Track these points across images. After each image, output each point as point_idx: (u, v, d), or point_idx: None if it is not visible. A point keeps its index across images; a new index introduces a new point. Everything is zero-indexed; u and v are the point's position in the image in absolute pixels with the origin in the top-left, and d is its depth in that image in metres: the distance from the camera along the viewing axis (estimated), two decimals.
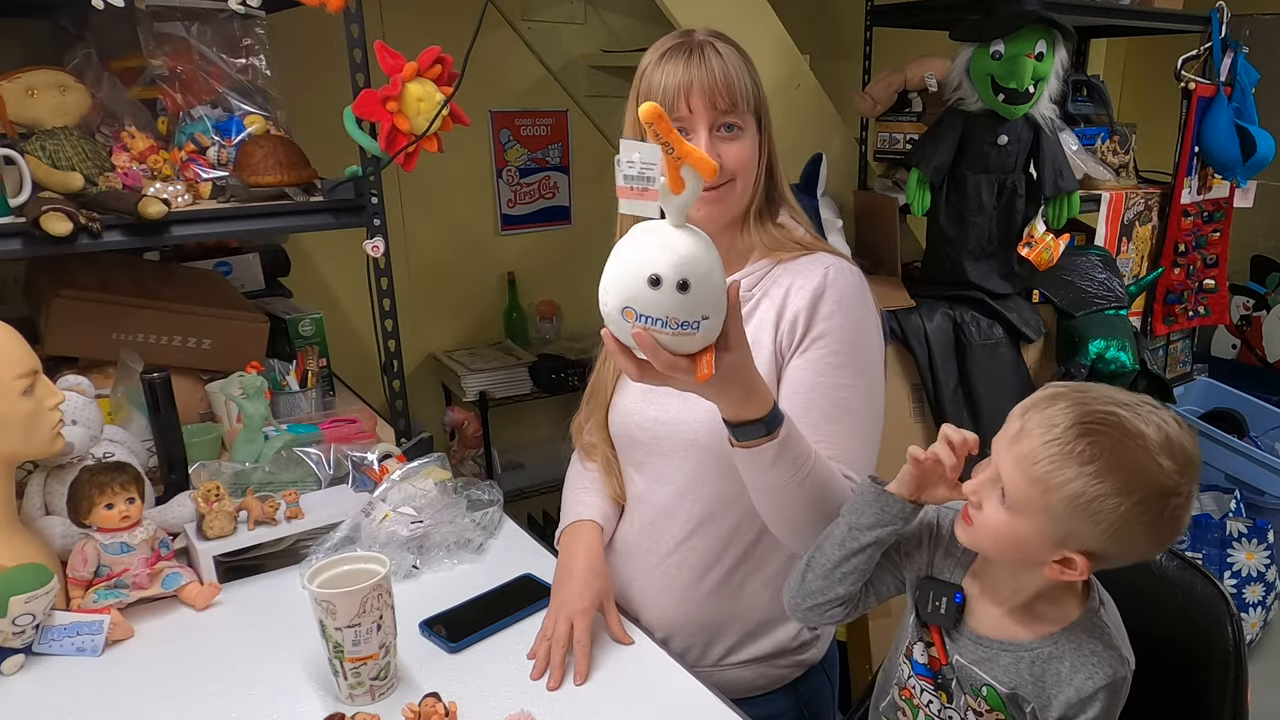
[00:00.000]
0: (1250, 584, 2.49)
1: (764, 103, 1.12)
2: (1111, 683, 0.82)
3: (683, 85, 1.06)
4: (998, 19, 1.98)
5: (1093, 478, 0.75)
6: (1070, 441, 0.76)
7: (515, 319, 2.85)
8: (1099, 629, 0.85)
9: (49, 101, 1.42)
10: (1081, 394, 0.80)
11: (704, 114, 1.07)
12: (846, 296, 1.09)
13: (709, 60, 1.06)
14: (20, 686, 1.06)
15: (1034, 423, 0.79)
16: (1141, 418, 0.77)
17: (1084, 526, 0.77)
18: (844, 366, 1.07)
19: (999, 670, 0.86)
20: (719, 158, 1.07)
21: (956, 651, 0.89)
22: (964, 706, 0.89)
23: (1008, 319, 2.19)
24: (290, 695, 1.04)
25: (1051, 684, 0.83)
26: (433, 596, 1.22)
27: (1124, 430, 0.76)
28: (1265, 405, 3.02)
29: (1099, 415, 0.77)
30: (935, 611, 0.89)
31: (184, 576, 1.21)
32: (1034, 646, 0.85)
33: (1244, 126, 2.49)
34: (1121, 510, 0.75)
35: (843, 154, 2.45)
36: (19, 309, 1.66)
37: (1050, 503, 0.77)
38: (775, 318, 1.10)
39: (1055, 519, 0.77)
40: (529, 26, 2.62)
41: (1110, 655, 0.83)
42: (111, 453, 1.31)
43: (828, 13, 2.93)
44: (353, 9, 1.42)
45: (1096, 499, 0.75)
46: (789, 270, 1.12)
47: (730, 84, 1.06)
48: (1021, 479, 0.78)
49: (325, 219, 1.52)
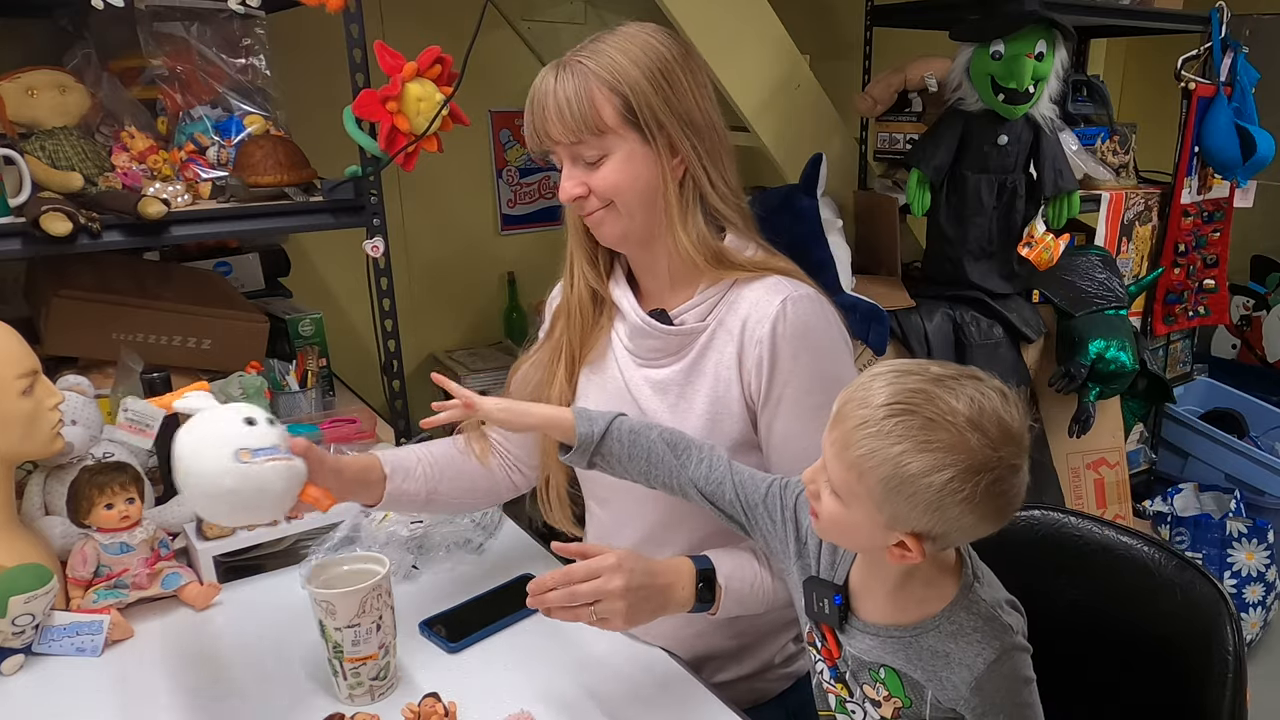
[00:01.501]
0: (1250, 584, 2.49)
1: (663, 112, 1.01)
2: (1000, 655, 0.81)
3: (529, 113, 1.03)
4: (998, 19, 1.99)
5: (901, 456, 0.73)
6: (878, 422, 0.74)
7: (515, 319, 2.85)
8: (975, 604, 0.83)
9: (49, 101, 1.42)
10: (899, 372, 0.77)
11: (554, 145, 1.03)
12: (810, 329, 1.03)
13: (558, 85, 1.00)
14: (20, 686, 1.06)
15: (851, 405, 0.77)
16: (954, 392, 0.74)
17: (904, 508, 0.75)
18: (820, 408, 1.00)
19: (889, 656, 0.85)
20: (584, 185, 1.03)
21: (849, 643, 0.88)
22: (862, 698, 0.88)
23: (1008, 319, 2.19)
24: (290, 695, 1.04)
25: (941, 667, 0.82)
26: (433, 596, 1.22)
27: (933, 407, 0.74)
28: (1265, 405, 3.02)
29: (908, 393, 0.75)
30: (820, 611, 0.89)
31: (184, 576, 1.21)
32: (916, 630, 0.83)
33: (1244, 126, 2.49)
34: (934, 488, 0.73)
35: (843, 154, 2.45)
36: (19, 309, 1.66)
37: (869, 487, 0.75)
38: (737, 353, 1.05)
39: (877, 503, 0.76)
40: (529, 26, 2.62)
41: (991, 628, 0.82)
42: (111, 453, 1.31)
43: (828, 13, 2.92)
44: (353, 9, 1.42)
45: (909, 479, 0.74)
46: (742, 299, 1.05)
47: (561, 111, 0.99)
48: (840, 465, 0.77)
49: (325, 219, 1.52)
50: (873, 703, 0.88)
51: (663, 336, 1.09)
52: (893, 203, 2.28)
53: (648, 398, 1.10)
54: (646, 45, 1.01)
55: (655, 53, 1.01)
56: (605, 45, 1.01)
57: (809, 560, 0.93)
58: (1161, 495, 2.72)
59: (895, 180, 2.39)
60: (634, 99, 0.99)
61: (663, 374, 1.09)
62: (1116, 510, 2.52)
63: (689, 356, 1.08)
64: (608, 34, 1.03)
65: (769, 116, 2.22)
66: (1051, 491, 2.34)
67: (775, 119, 2.23)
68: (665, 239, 1.06)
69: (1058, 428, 2.34)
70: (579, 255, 1.14)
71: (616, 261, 1.16)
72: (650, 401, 1.09)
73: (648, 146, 1.02)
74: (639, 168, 1.02)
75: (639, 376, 1.11)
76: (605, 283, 1.14)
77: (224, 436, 0.92)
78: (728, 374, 1.05)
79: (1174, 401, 2.64)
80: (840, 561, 0.91)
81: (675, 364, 1.09)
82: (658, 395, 1.09)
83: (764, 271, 1.07)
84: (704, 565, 1.02)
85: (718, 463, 0.99)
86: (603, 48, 1.01)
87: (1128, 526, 1.07)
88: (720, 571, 1.02)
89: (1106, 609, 1.06)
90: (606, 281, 1.14)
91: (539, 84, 1.02)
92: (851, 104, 2.46)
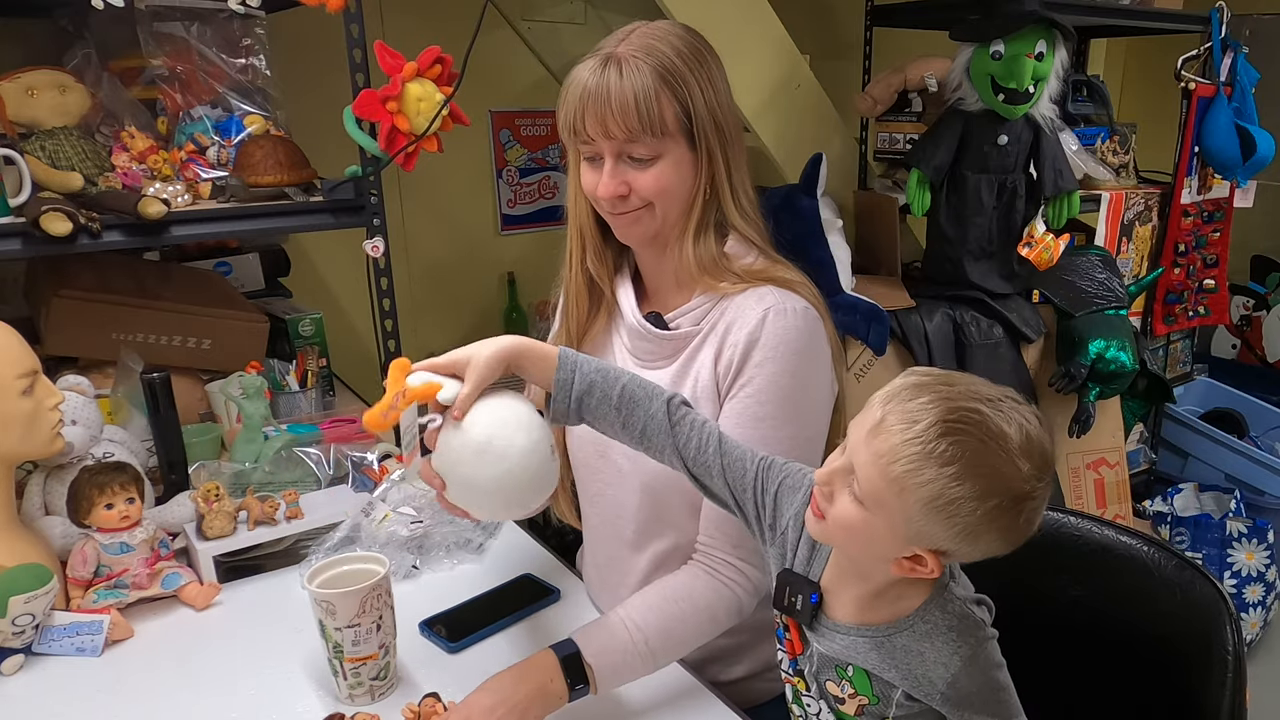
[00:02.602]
0: (1250, 584, 2.49)
1: (708, 120, 1.02)
2: (975, 653, 0.81)
3: (580, 106, 1.00)
4: (998, 19, 1.99)
5: (952, 480, 0.72)
6: (932, 441, 0.72)
7: (515, 319, 2.85)
8: (949, 603, 0.83)
9: (49, 101, 1.42)
10: (948, 387, 0.76)
11: (604, 141, 1.01)
12: (783, 342, 1.02)
13: (610, 80, 0.98)
14: (20, 686, 1.06)
15: (895, 416, 0.75)
16: (1004, 416, 0.73)
17: (938, 528, 0.74)
18: (769, 418, 1.02)
19: (860, 656, 0.84)
20: (626, 185, 1.02)
21: (817, 641, 0.87)
22: (819, 693, 0.88)
23: (1008, 319, 2.19)
24: (290, 695, 1.04)
25: (916, 665, 0.81)
26: (433, 596, 1.22)
27: (986, 430, 0.73)
28: (1265, 405, 3.02)
29: (962, 413, 0.73)
30: (791, 607, 0.88)
31: (184, 576, 1.21)
32: (889, 630, 0.83)
33: (1244, 126, 2.49)
34: (978, 514, 0.73)
35: (843, 154, 2.45)
36: (19, 309, 1.66)
37: (907, 503, 0.74)
38: (714, 358, 1.06)
39: (909, 518, 0.75)
40: (529, 26, 2.62)
41: (964, 625, 0.82)
42: (111, 453, 1.31)
43: (828, 13, 2.92)
44: (353, 9, 1.42)
45: (954, 502, 0.72)
46: (732, 306, 1.06)
47: (628, 109, 0.98)
48: (878, 475, 0.75)
49: (325, 219, 1.52)
50: (835, 699, 0.87)
51: (656, 340, 1.10)
52: (893, 203, 2.28)
53: None
54: (697, 51, 1.02)
55: (704, 59, 1.03)
56: (656, 44, 1.00)
57: (784, 550, 0.91)
58: (1161, 495, 2.72)
59: (895, 180, 2.39)
60: (694, 108, 1.01)
61: (656, 376, 1.09)
62: (1116, 510, 2.52)
63: (679, 360, 1.09)
64: (655, 30, 1.02)
65: (769, 116, 2.22)
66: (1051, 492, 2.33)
67: (775, 119, 2.23)
68: (680, 243, 1.07)
69: (1058, 428, 2.33)
70: (588, 248, 1.13)
71: (625, 258, 1.16)
72: None
73: (694, 154, 1.03)
74: (686, 173, 1.04)
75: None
76: (612, 279, 1.15)
77: (536, 422, 0.92)
78: (707, 377, 1.06)
79: (1174, 401, 2.64)
80: (817, 557, 0.89)
81: (668, 367, 1.10)
82: None
83: (759, 281, 1.06)
84: (567, 651, 0.96)
85: (707, 442, 0.94)
86: (656, 46, 1.00)
87: (1127, 526, 1.07)
88: (587, 651, 0.96)
89: (1106, 609, 1.06)
90: (614, 278, 1.15)
91: (593, 77, 0.99)
92: (851, 104, 2.46)
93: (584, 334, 1.17)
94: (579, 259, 1.14)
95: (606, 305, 1.16)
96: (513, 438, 0.89)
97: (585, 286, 1.15)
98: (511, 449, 0.89)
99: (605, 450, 1.14)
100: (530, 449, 0.90)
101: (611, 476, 1.15)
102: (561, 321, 1.21)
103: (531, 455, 0.90)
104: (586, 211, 1.11)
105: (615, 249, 1.15)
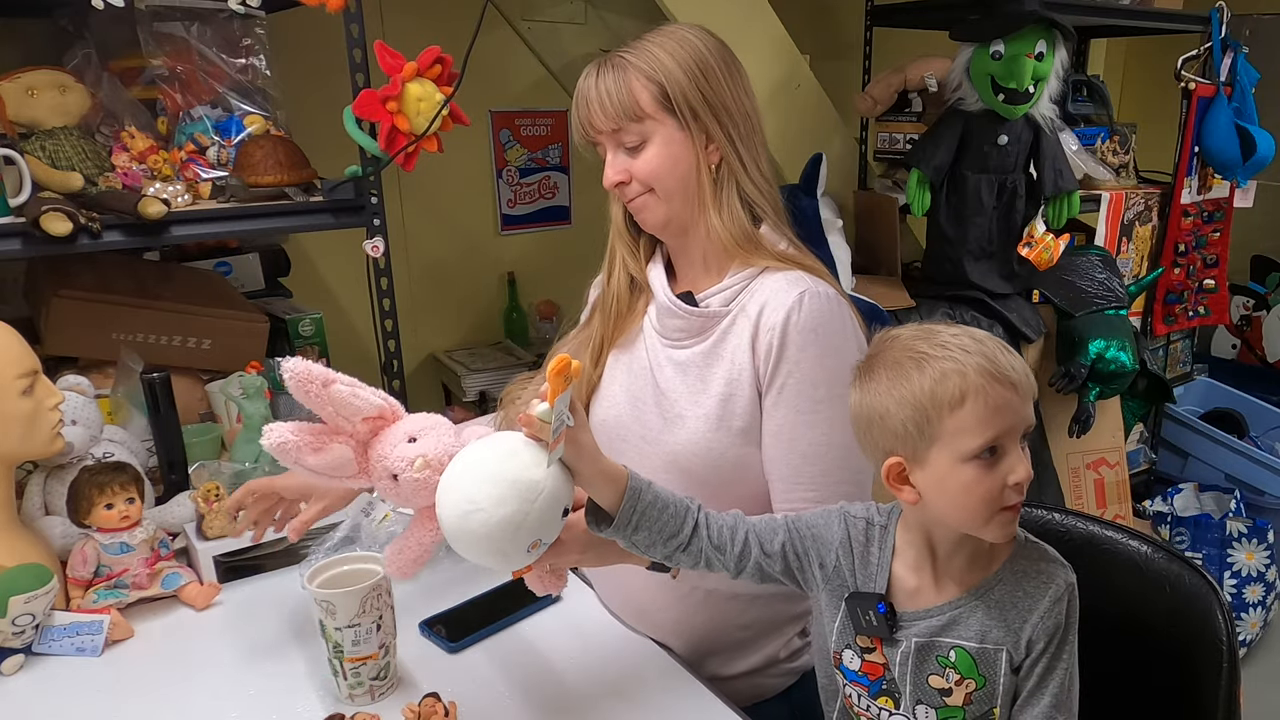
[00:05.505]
0: (1250, 584, 2.49)
1: (695, 97, 1.06)
2: (1065, 590, 0.85)
3: (577, 109, 1.10)
4: (998, 19, 1.99)
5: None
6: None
7: (515, 319, 2.85)
8: (1033, 547, 0.88)
9: (49, 101, 1.42)
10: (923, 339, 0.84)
11: (600, 136, 1.10)
12: (820, 326, 1.04)
13: (599, 79, 1.07)
14: (20, 686, 1.06)
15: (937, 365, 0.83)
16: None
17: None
18: (821, 402, 1.04)
19: (961, 628, 0.86)
20: (626, 172, 1.09)
21: (910, 637, 0.87)
22: (913, 700, 0.88)
23: (1008, 319, 2.19)
24: (290, 695, 1.04)
25: (1014, 615, 0.84)
26: (433, 596, 1.22)
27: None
28: (1265, 405, 3.03)
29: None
30: (869, 625, 0.89)
31: (184, 576, 1.21)
32: (980, 590, 0.86)
33: (1244, 126, 2.49)
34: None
35: (843, 154, 2.45)
36: (19, 309, 1.66)
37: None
38: (751, 338, 1.07)
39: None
40: (529, 26, 2.62)
41: (1053, 567, 0.86)
42: (111, 453, 1.31)
43: (828, 13, 2.93)
44: (353, 9, 1.42)
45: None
46: (764, 288, 1.08)
47: (604, 99, 1.06)
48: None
49: (325, 219, 1.52)
50: (940, 692, 0.86)
51: (686, 317, 1.11)
52: (893, 203, 2.28)
53: (669, 377, 1.12)
54: (684, 40, 1.08)
55: (691, 46, 1.07)
56: (645, 41, 1.08)
57: (842, 581, 0.91)
58: (1161, 495, 2.72)
59: (895, 180, 2.39)
60: (669, 86, 1.05)
61: (685, 354, 1.11)
62: (1116, 510, 2.52)
63: (711, 339, 1.11)
64: (650, 33, 1.10)
65: (769, 116, 2.18)
66: (1051, 491, 2.34)
67: (775, 119, 2.23)
68: (700, 224, 1.11)
69: (1058, 428, 2.34)
70: (620, 246, 1.19)
71: (658, 250, 1.20)
72: (671, 381, 1.12)
73: (684, 133, 1.07)
74: (676, 152, 1.08)
75: (663, 356, 1.14)
76: (644, 268, 1.19)
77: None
78: (742, 358, 1.08)
79: (1174, 401, 2.64)
80: (879, 568, 0.90)
81: (698, 345, 1.11)
82: (679, 375, 1.12)
83: (791, 265, 1.09)
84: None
85: (748, 551, 0.91)
86: (643, 44, 1.08)
87: (1112, 522, 1.07)
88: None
89: (1098, 606, 1.05)
90: (647, 265, 1.19)
91: (583, 81, 1.09)
92: (851, 104, 2.46)
93: (618, 328, 1.20)
94: (620, 259, 1.19)
95: (644, 297, 1.19)
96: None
97: (626, 283, 1.19)
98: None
99: (619, 448, 1.15)
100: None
101: (640, 455, 1.14)
102: (590, 319, 1.25)
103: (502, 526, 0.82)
104: (620, 211, 1.17)
105: (649, 244, 1.20)
